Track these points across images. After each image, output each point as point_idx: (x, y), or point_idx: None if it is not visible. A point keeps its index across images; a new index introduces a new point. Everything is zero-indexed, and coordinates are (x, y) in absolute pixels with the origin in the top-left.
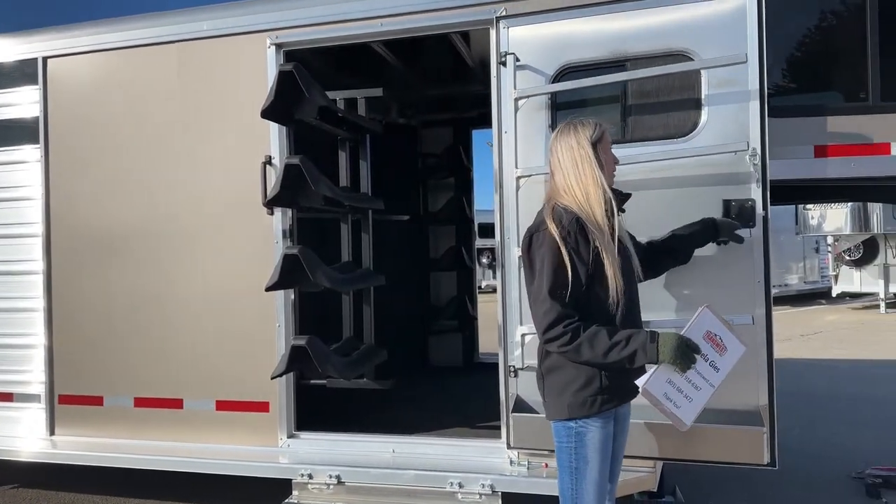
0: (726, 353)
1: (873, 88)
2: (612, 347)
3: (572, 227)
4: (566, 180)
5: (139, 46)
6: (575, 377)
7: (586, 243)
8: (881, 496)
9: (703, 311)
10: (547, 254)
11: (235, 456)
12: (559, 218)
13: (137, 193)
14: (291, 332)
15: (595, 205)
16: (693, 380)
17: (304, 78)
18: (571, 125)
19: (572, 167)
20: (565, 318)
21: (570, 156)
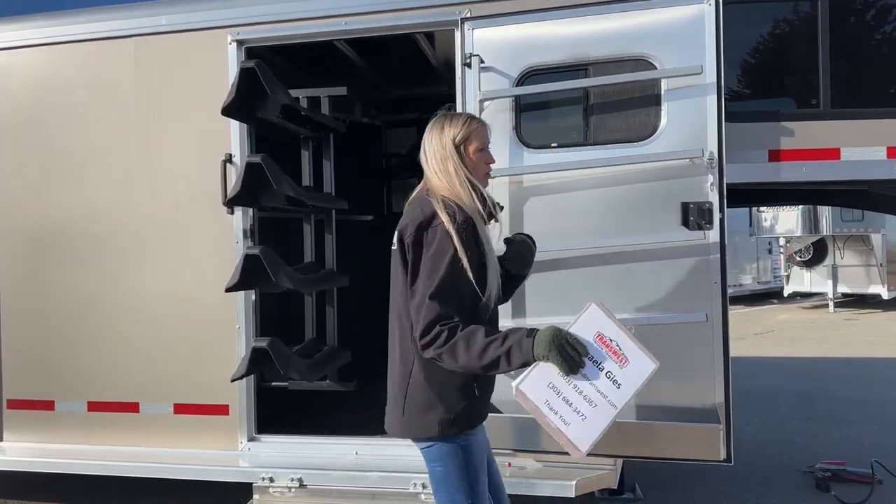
0: (628, 365)
1: (824, 96)
2: (488, 345)
3: (467, 224)
4: (437, 177)
5: (93, 40)
6: (452, 386)
7: (476, 244)
8: (830, 489)
9: (591, 307)
10: (439, 251)
11: (194, 460)
12: (453, 213)
13: (92, 192)
14: (252, 333)
15: (468, 205)
16: (586, 392)
17: (267, 75)
18: (438, 123)
19: (441, 168)
20: (443, 319)
21: (437, 156)
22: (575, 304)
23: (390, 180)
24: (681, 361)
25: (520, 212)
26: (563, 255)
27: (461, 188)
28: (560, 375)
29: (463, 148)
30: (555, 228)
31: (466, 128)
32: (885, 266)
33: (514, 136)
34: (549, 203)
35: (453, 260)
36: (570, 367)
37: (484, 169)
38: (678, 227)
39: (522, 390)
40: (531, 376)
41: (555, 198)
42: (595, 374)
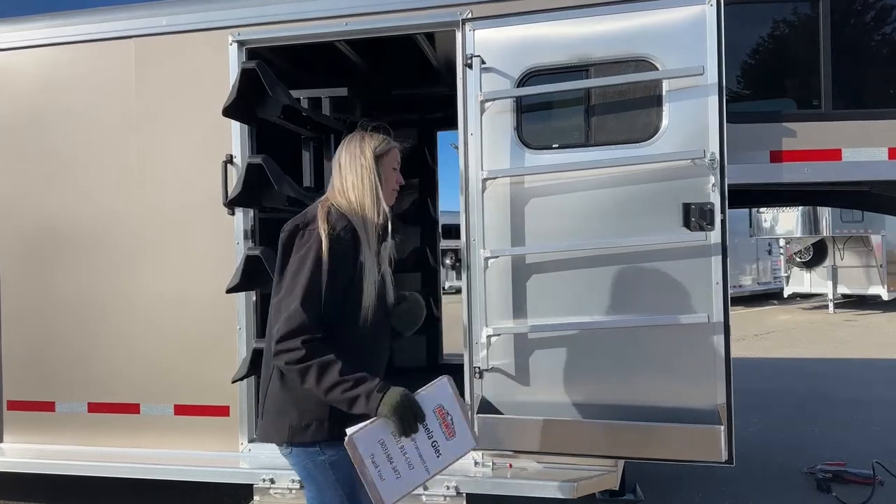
0: (454, 438)
1: (826, 97)
2: (338, 384)
3: (345, 235)
4: (343, 184)
5: (94, 41)
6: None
7: (354, 256)
8: (831, 490)
9: (442, 381)
10: (310, 255)
11: (195, 461)
12: (333, 221)
13: (92, 193)
14: (253, 335)
15: (368, 217)
16: (409, 454)
17: (268, 76)
18: (359, 135)
19: (352, 174)
20: (305, 332)
21: (354, 163)
22: (576, 304)
23: None
24: (682, 362)
25: (521, 213)
26: (563, 256)
27: (368, 198)
28: (392, 434)
29: (380, 161)
30: (556, 229)
31: (386, 144)
32: (885, 267)
33: (515, 137)
34: (550, 204)
35: (318, 268)
36: (405, 432)
37: (392, 186)
38: (679, 227)
39: (355, 441)
40: (367, 429)
41: (556, 199)
42: (423, 440)
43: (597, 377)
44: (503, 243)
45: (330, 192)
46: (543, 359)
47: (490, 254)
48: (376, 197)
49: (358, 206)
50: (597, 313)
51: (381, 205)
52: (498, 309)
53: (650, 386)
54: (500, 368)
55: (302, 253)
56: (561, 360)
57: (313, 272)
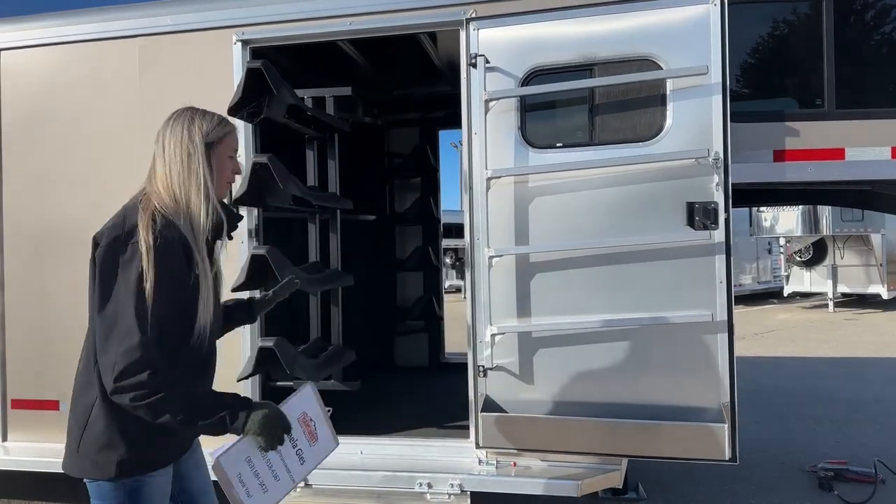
0: (316, 444)
1: (829, 96)
2: (197, 412)
3: (176, 247)
4: (168, 176)
5: (99, 40)
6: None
7: (188, 268)
8: (833, 489)
9: (307, 389)
10: (138, 274)
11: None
12: (159, 230)
13: (97, 192)
14: (257, 333)
15: (195, 217)
16: (275, 467)
17: (273, 76)
18: (190, 113)
19: (178, 163)
20: (149, 365)
21: (179, 149)
22: (580, 302)
23: (393, 180)
24: (686, 361)
25: (525, 212)
26: (568, 255)
27: (195, 193)
28: (259, 450)
29: (213, 147)
30: (560, 228)
31: (222, 127)
32: (885, 266)
33: (519, 136)
34: (554, 203)
35: (152, 288)
36: (273, 446)
37: (228, 177)
38: (683, 226)
39: (222, 464)
40: (234, 450)
41: (560, 198)
42: (288, 451)
43: (601, 375)
44: (507, 242)
45: (150, 186)
46: (547, 357)
47: (494, 253)
48: (205, 192)
49: (184, 202)
50: (601, 312)
51: (210, 202)
52: (502, 308)
53: (654, 384)
54: (504, 367)
55: (129, 273)
56: (565, 359)
57: (147, 294)
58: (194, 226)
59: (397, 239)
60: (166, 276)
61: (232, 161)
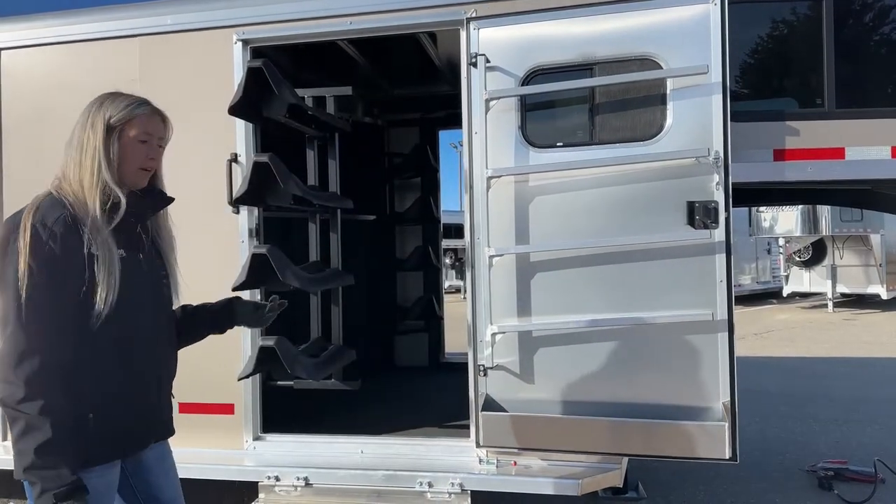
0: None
1: (829, 95)
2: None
3: (57, 227)
4: (67, 158)
5: (99, 40)
6: None
7: (77, 249)
8: (833, 488)
9: None
10: (17, 260)
11: (199, 459)
12: (42, 214)
13: None
14: (258, 333)
15: (90, 200)
16: None
17: (274, 75)
18: (98, 100)
19: (76, 148)
20: (24, 361)
21: (80, 133)
22: (580, 301)
23: (393, 180)
24: (686, 360)
25: (525, 211)
26: (568, 254)
27: (87, 177)
28: None
29: (118, 132)
30: (560, 227)
31: (130, 110)
32: (884, 266)
33: (519, 136)
34: (554, 202)
35: (40, 274)
36: None
37: (138, 163)
38: (684, 226)
39: None
40: None
41: (560, 197)
42: None
43: (601, 374)
44: (507, 242)
45: (57, 171)
46: (548, 356)
47: (494, 252)
48: (97, 179)
49: (78, 185)
50: (601, 311)
51: (105, 186)
52: (502, 307)
53: (654, 383)
54: (505, 366)
55: (9, 260)
56: (565, 358)
57: (29, 280)
58: (89, 205)
59: (397, 239)
60: (47, 260)
61: (145, 146)
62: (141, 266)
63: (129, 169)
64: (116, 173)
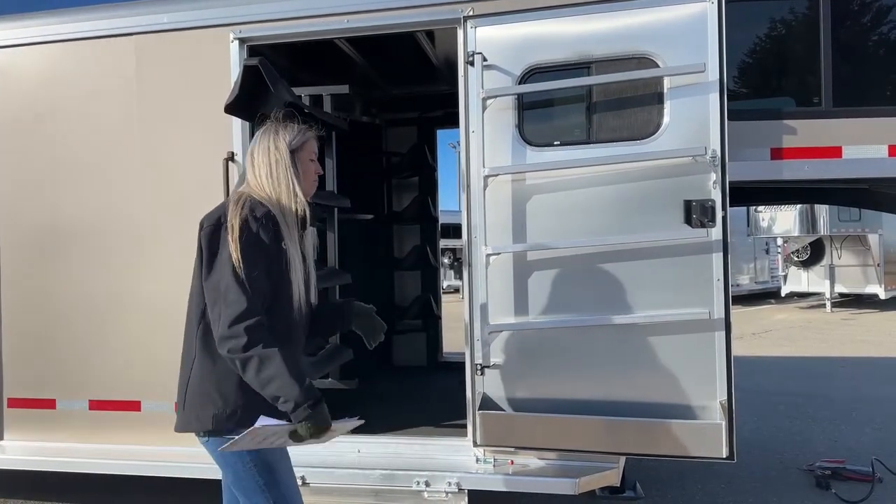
0: None
1: (826, 94)
2: (274, 379)
3: (265, 220)
4: (258, 179)
5: (94, 38)
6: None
7: (276, 241)
8: (830, 487)
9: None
10: (235, 244)
11: (196, 458)
12: (252, 209)
13: (94, 191)
14: None
15: (288, 207)
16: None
17: (270, 73)
18: (272, 128)
19: (266, 168)
20: (246, 318)
21: (267, 158)
22: (577, 300)
23: (391, 179)
24: (683, 359)
25: (522, 210)
26: (565, 253)
27: (284, 192)
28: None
29: (297, 153)
30: (557, 226)
31: (302, 136)
32: (882, 266)
33: (516, 135)
34: (551, 201)
35: (249, 255)
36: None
37: (311, 177)
38: (681, 224)
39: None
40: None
41: (557, 196)
42: None
43: (598, 373)
44: (505, 240)
45: (245, 188)
46: (545, 355)
47: (492, 251)
48: (293, 191)
49: (275, 198)
50: (598, 310)
51: (297, 197)
52: (499, 306)
53: (651, 382)
54: (502, 365)
55: (226, 246)
56: (562, 357)
57: (244, 260)
58: (286, 215)
59: (395, 238)
60: (253, 246)
61: (313, 163)
62: (300, 261)
63: (307, 182)
64: (302, 185)
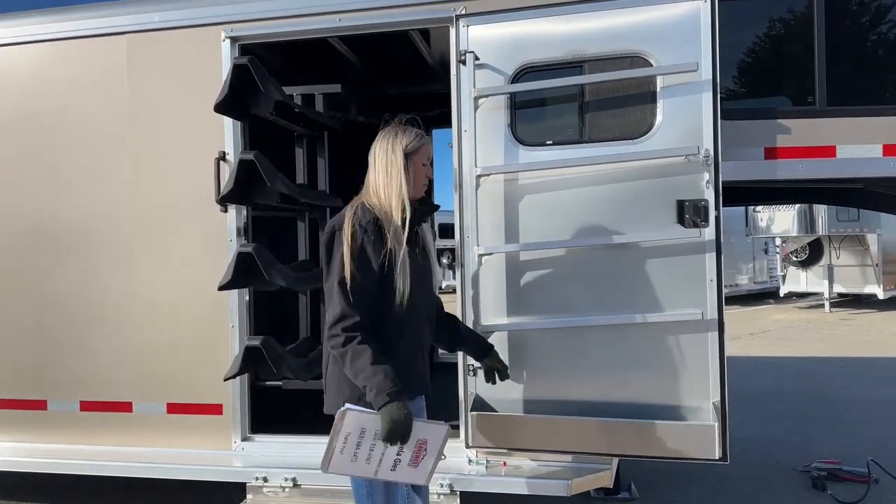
0: (414, 469)
1: (820, 93)
2: (361, 371)
3: (369, 227)
4: (376, 181)
5: (85, 37)
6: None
7: (381, 244)
8: (826, 488)
9: (443, 427)
10: (342, 249)
11: (187, 460)
12: (359, 216)
13: (84, 191)
14: (246, 332)
15: (395, 210)
16: (373, 453)
17: (260, 72)
18: (393, 131)
19: (383, 170)
20: (345, 319)
21: (384, 160)
22: (569, 301)
23: None
24: (676, 359)
25: (515, 210)
26: (557, 253)
27: (395, 196)
28: (375, 432)
29: (411, 157)
30: (550, 226)
31: (417, 141)
32: (881, 266)
33: (508, 134)
34: (544, 201)
35: (353, 260)
36: (385, 440)
37: (423, 181)
38: (673, 224)
39: (347, 414)
40: (362, 414)
41: (550, 196)
42: (391, 453)
43: (590, 374)
44: (497, 240)
45: (364, 189)
46: (538, 356)
47: (484, 251)
48: (402, 194)
49: (387, 200)
50: (591, 310)
51: (405, 198)
52: (492, 307)
53: (644, 383)
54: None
55: (337, 250)
56: (555, 358)
57: (347, 265)
58: (394, 215)
59: None
60: (363, 250)
61: (426, 168)
62: (417, 259)
63: (418, 185)
64: (411, 189)
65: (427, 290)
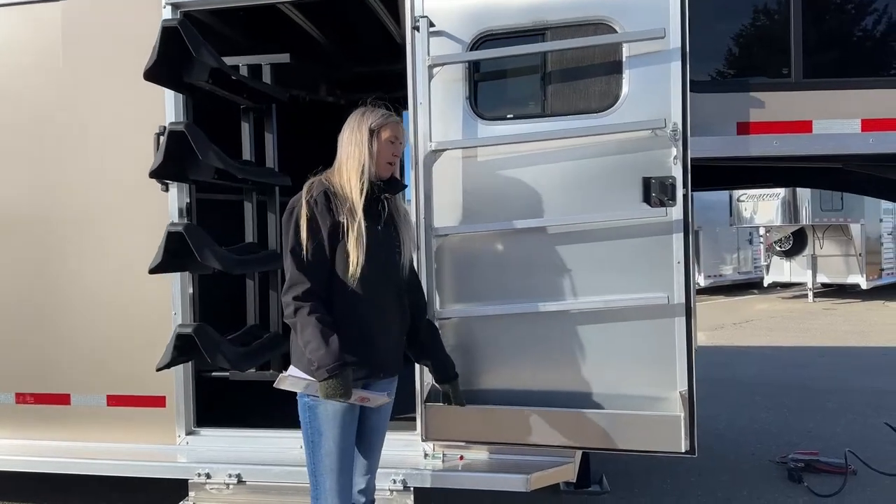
0: None
1: (796, 66)
2: (309, 343)
3: (320, 198)
4: (340, 156)
5: (17, 4)
6: None
7: (328, 215)
8: (802, 480)
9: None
10: (294, 221)
11: (128, 455)
12: (312, 190)
13: (17, 173)
14: (189, 320)
15: (354, 185)
16: None
17: (191, 35)
18: (361, 111)
19: (346, 146)
20: (295, 287)
21: (349, 136)
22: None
23: None
24: (641, 345)
25: (473, 187)
26: (516, 234)
27: (354, 168)
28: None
29: (375, 134)
30: (510, 206)
31: (383, 119)
32: (864, 256)
33: (467, 107)
34: (503, 178)
35: (304, 233)
36: None
37: (387, 158)
38: (639, 203)
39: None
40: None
41: (510, 173)
42: None
43: (552, 362)
44: (453, 221)
45: (335, 162)
46: (496, 344)
47: (439, 232)
48: (361, 169)
49: (346, 177)
50: (551, 294)
51: (363, 175)
52: (448, 291)
53: (607, 371)
54: (450, 354)
55: (291, 222)
56: (514, 345)
57: (298, 235)
58: (352, 191)
59: None
60: (312, 222)
61: (392, 145)
62: (377, 235)
63: (380, 162)
64: (374, 165)
65: (393, 267)
